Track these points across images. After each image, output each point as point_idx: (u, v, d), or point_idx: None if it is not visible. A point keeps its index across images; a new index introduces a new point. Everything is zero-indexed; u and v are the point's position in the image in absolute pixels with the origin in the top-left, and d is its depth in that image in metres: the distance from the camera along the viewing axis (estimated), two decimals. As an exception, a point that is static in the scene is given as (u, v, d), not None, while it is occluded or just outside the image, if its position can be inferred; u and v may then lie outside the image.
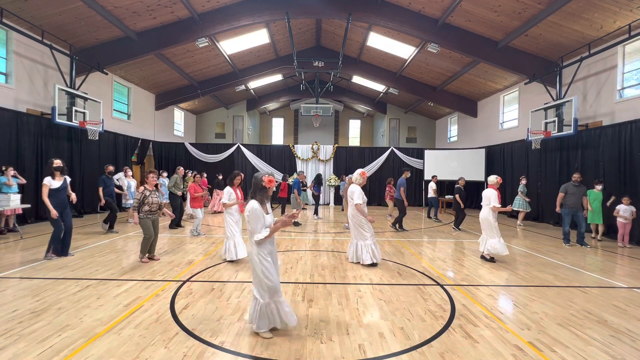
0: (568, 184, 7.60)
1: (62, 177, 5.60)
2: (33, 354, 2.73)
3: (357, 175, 5.93)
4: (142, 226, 5.40)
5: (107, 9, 9.16)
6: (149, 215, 5.44)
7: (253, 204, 3.07)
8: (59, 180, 5.51)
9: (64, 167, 5.61)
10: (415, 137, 21.48)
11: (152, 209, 5.44)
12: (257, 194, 3.15)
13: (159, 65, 12.90)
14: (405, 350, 2.92)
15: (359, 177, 5.89)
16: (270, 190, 3.22)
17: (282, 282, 4.70)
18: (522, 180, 10.54)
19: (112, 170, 8.50)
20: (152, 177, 5.49)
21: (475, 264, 5.88)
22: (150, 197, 5.40)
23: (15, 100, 9.02)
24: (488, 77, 13.13)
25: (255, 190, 3.17)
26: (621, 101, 8.80)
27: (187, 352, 2.82)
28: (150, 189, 5.47)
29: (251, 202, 3.09)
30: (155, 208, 5.51)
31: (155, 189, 5.67)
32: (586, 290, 4.63)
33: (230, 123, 21.26)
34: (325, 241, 7.63)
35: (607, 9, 7.94)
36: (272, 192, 3.32)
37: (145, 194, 5.37)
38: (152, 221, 5.52)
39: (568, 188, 7.50)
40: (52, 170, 5.47)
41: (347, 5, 10.69)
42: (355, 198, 5.66)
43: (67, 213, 5.66)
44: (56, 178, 5.49)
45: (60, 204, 5.50)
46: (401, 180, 9.28)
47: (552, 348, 3.01)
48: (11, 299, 3.88)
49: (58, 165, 5.51)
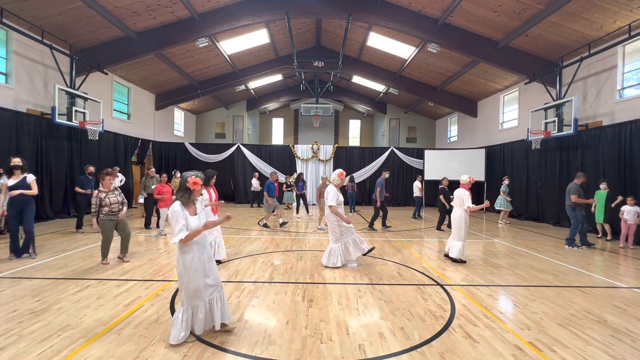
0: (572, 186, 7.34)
1: (22, 175, 5.53)
2: (33, 354, 2.73)
3: (335, 175, 5.66)
4: (101, 228, 5.30)
5: (107, 9, 9.16)
6: (111, 217, 5.32)
7: (175, 205, 2.95)
8: (15, 179, 5.46)
9: (23, 166, 5.54)
10: (415, 137, 21.49)
11: (112, 209, 5.31)
12: (181, 195, 3.01)
13: (159, 65, 12.90)
14: (405, 350, 2.92)
15: (337, 177, 5.63)
16: (196, 193, 3.03)
17: (282, 282, 4.72)
18: (504, 180, 10.94)
19: (92, 171, 8.21)
20: (108, 179, 5.32)
21: (475, 264, 5.88)
22: (108, 199, 5.26)
23: (15, 100, 9.02)
24: (488, 77, 13.13)
25: (179, 191, 3.04)
26: (621, 101, 8.80)
27: (187, 352, 2.82)
28: (105, 190, 5.31)
29: (174, 203, 2.98)
30: (117, 208, 5.36)
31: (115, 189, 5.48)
32: (586, 290, 4.63)
33: (230, 123, 21.26)
34: (325, 241, 7.63)
35: (607, 9, 7.94)
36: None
37: (101, 197, 5.23)
38: (117, 222, 5.43)
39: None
40: (9, 169, 5.51)
41: (347, 5, 10.69)
42: (330, 199, 5.44)
43: (26, 213, 5.56)
44: (13, 177, 5.47)
45: (17, 203, 5.44)
46: (379, 180, 9.20)
47: (552, 348, 3.01)
48: (11, 299, 3.87)
49: (15, 164, 5.49)
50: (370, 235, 8.54)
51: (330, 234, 5.62)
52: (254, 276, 4.96)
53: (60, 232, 7.99)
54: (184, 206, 2.99)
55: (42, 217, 9.46)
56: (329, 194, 5.52)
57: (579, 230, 7.31)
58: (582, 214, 7.22)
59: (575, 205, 7.18)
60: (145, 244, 6.94)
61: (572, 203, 7.21)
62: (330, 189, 5.58)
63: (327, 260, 5.56)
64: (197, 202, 3.15)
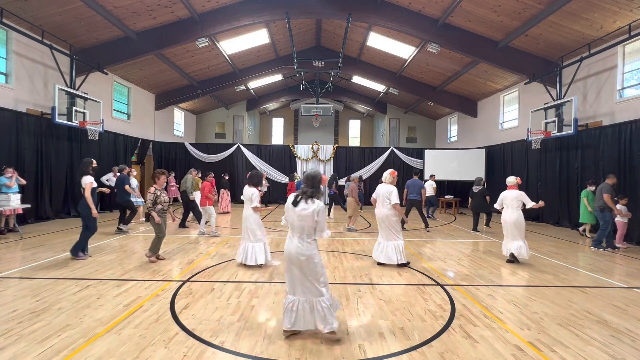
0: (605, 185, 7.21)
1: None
2: (33, 354, 2.73)
3: (389, 175, 5.76)
4: (156, 225, 5.43)
5: (107, 9, 9.16)
6: (161, 214, 5.50)
7: (321, 203, 3.18)
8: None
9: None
10: (415, 137, 21.48)
11: (164, 207, 5.53)
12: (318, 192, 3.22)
13: (159, 65, 12.90)
14: (405, 350, 2.92)
15: (390, 176, 5.74)
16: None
17: (282, 282, 4.71)
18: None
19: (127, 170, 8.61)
20: (162, 178, 5.54)
21: (476, 264, 5.88)
22: (162, 196, 5.49)
23: (15, 100, 9.02)
24: (488, 77, 13.13)
25: (314, 188, 3.21)
26: (621, 101, 8.79)
27: (187, 352, 2.82)
28: (159, 188, 5.52)
29: (318, 202, 3.16)
30: (167, 207, 5.61)
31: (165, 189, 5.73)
32: (586, 290, 4.63)
33: (230, 123, 21.26)
34: (326, 241, 7.62)
35: (607, 9, 7.94)
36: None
37: (157, 194, 5.42)
38: (164, 220, 5.58)
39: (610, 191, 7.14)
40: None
41: (347, 5, 10.68)
42: (395, 198, 5.51)
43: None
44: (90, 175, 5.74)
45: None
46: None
47: (552, 348, 3.01)
48: (11, 299, 3.87)
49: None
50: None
51: (393, 231, 5.63)
52: (254, 276, 4.96)
53: (60, 232, 7.99)
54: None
55: (42, 217, 9.47)
56: (391, 193, 5.54)
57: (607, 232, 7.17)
58: (611, 216, 7.16)
59: (604, 206, 7.09)
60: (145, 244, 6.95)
61: (601, 204, 7.11)
62: (392, 188, 5.62)
63: (402, 257, 5.56)
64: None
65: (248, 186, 5.54)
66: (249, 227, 5.41)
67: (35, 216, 9.29)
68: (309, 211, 3.05)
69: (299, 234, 3.11)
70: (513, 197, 5.84)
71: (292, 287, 3.15)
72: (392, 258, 5.55)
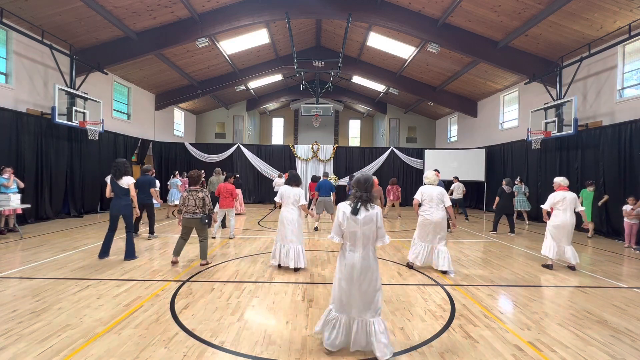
0: None
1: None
2: (33, 354, 2.73)
3: (433, 175, 5.45)
4: (206, 228, 5.46)
5: (107, 9, 9.16)
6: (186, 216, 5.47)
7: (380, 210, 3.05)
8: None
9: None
10: (415, 137, 21.49)
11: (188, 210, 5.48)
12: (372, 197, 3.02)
13: (159, 65, 12.90)
14: (405, 350, 2.92)
15: (434, 176, 5.45)
16: None
17: (281, 282, 4.71)
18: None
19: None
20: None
21: (476, 264, 5.88)
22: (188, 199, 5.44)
23: (15, 100, 9.02)
24: (488, 77, 13.13)
25: (369, 192, 2.99)
26: (621, 101, 8.80)
27: (187, 352, 2.82)
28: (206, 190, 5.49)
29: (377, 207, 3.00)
30: (192, 210, 5.46)
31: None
32: (586, 290, 4.63)
33: (230, 123, 21.26)
34: (326, 241, 7.62)
35: (607, 9, 7.94)
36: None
37: (184, 195, 5.39)
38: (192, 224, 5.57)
39: None
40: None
41: (347, 5, 10.68)
42: (448, 200, 5.24)
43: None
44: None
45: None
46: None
47: (552, 348, 3.01)
48: (11, 299, 3.87)
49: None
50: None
51: (439, 235, 5.31)
52: (253, 276, 4.96)
53: (60, 232, 7.99)
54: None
55: (42, 217, 9.47)
56: (445, 194, 5.28)
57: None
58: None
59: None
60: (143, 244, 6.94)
61: None
62: (442, 189, 5.36)
63: (450, 264, 5.27)
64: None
65: (290, 187, 5.29)
66: (295, 229, 5.20)
67: (35, 216, 9.28)
68: (371, 217, 2.81)
69: (363, 244, 2.83)
70: (572, 199, 5.44)
71: (349, 306, 2.84)
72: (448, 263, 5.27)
